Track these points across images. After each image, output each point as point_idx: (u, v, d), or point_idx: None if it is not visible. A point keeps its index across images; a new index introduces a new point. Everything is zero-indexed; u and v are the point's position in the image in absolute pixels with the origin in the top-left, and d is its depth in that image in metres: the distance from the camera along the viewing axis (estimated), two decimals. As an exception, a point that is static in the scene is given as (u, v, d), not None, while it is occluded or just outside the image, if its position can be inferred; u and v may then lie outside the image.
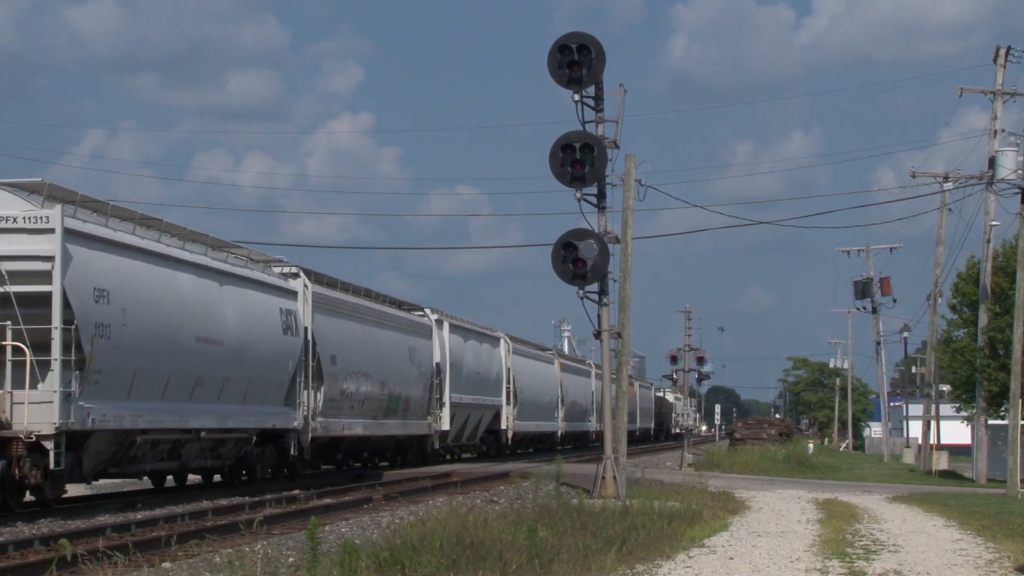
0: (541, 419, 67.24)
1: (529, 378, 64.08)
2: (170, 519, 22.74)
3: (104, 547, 14.95)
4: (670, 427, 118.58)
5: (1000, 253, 50.01)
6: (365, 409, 40.42)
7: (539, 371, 67.91)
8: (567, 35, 29.14)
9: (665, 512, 22.59)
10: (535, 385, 65.65)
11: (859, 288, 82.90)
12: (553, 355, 76.61)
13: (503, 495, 28.89)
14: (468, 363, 53.15)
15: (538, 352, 70.53)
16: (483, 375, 55.81)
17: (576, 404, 78.86)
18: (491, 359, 57.81)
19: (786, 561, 17.72)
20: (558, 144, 28.98)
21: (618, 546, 17.79)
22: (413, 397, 45.46)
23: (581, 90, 29.42)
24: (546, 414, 69.31)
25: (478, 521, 17.99)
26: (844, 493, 34.88)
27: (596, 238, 29.25)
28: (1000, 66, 48.86)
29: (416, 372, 45.96)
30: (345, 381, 38.73)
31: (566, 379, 76.32)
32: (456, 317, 53.75)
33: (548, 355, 73.11)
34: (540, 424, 67.39)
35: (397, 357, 44.06)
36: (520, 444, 66.08)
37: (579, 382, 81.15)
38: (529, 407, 63.32)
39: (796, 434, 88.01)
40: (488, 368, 56.88)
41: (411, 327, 46.87)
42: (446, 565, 13.91)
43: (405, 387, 44.46)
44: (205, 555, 17.24)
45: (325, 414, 36.86)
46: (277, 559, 14.53)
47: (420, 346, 47.08)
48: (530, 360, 66.23)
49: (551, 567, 15.36)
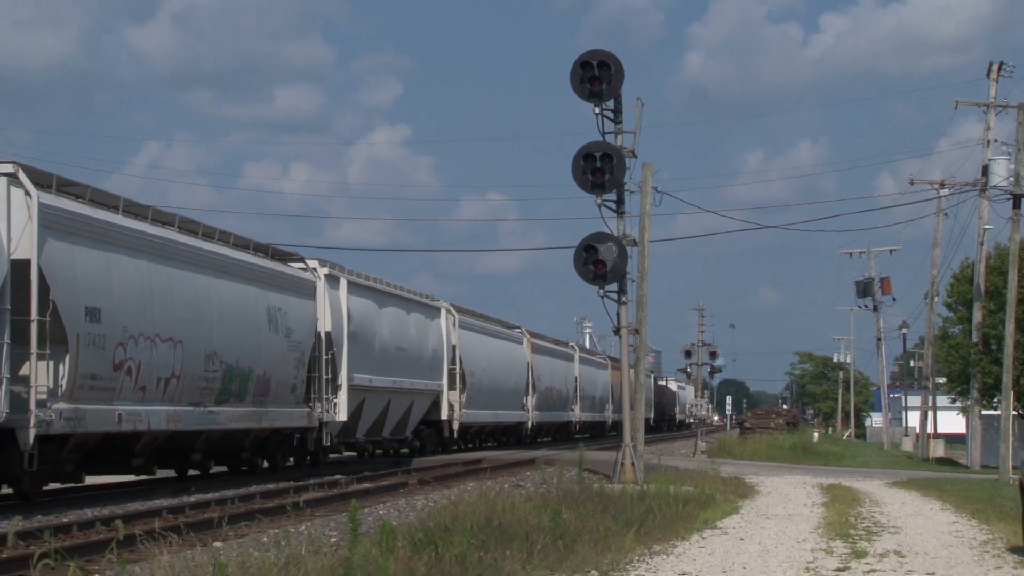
0: (504, 407, 53.75)
1: (486, 359, 50.84)
2: (221, 502, 22.80)
3: (160, 528, 15.01)
4: (673, 416, 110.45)
5: (993, 255, 49.87)
6: (172, 392, 26.15)
7: (501, 352, 54.35)
8: (588, 52, 29.12)
9: (680, 496, 22.55)
10: (495, 367, 52.12)
11: (861, 287, 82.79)
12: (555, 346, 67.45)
13: (529, 480, 28.88)
14: (384, 335, 38.84)
15: (504, 330, 57.00)
16: (411, 352, 41.49)
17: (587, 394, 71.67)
18: (424, 333, 43.41)
19: (793, 542, 17.69)
20: (580, 154, 28.98)
21: (636, 528, 17.78)
22: (278, 376, 30.91)
23: (601, 103, 29.39)
24: (515, 401, 56.03)
25: (506, 504, 17.99)
26: (847, 479, 34.78)
27: (615, 241, 29.23)
28: (993, 80, 48.73)
29: (282, 342, 31.18)
30: (123, 348, 24.25)
31: (581, 369, 69.91)
32: (367, 276, 38.79)
33: (516, 333, 58.87)
34: (501, 414, 53.46)
35: (243, 319, 29.22)
36: (475, 437, 53.40)
37: (593, 373, 74.69)
38: (485, 393, 50.02)
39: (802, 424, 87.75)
40: (419, 344, 42.58)
41: (275, 281, 31.56)
42: (476, 545, 13.92)
43: (259, 362, 29.80)
44: (254, 535, 17.30)
45: (78, 398, 22.64)
46: (320, 539, 14.55)
47: (293, 308, 32.03)
48: (488, 338, 52.66)
49: (574, 547, 15.35)
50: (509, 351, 55.91)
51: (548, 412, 62.04)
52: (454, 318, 47.08)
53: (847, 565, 15.11)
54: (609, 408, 79.14)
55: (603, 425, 78.82)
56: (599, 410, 77.07)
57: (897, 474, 39.24)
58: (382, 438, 40.72)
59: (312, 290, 33.71)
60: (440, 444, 46.14)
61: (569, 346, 70.80)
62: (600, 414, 77.34)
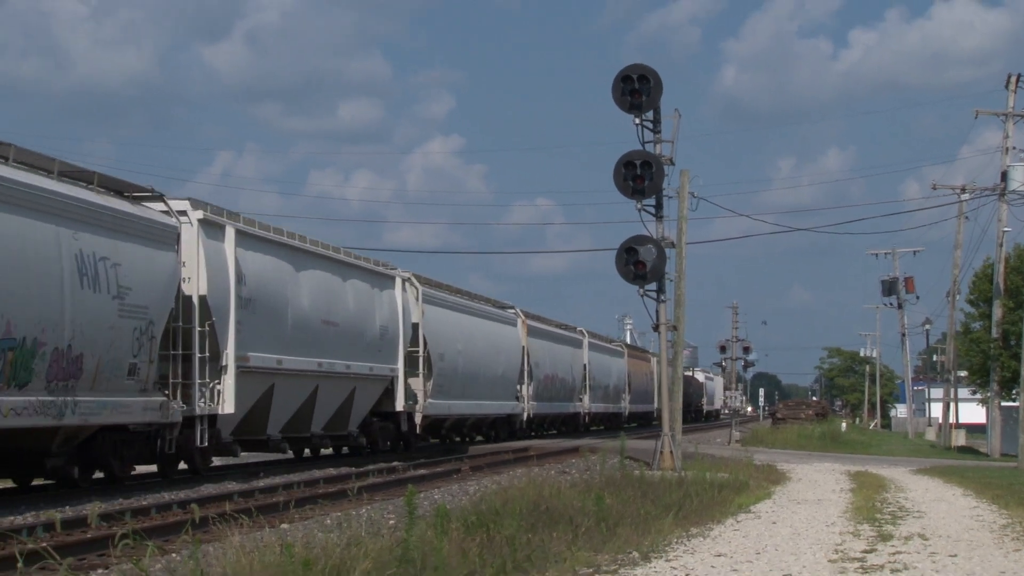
0: (489, 396, 43.80)
1: (463, 341, 40.73)
2: (287, 486, 22.88)
3: (231, 510, 15.10)
4: (700, 407, 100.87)
5: (1012, 255, 49.57)
6: None
7: (486, 333, 43.87)
8: (629, 67, 29.07)
9: (716, 482, 22.46)
10: (475, 351, 41.77)
11: (886, 286, 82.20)
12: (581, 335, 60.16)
13: (574, 467, 28.85)
14: (302, 305, 28.38)
15: (490, 310, 46.67)
16: (346, 328, 30.89)
17: (601, 385, 63.36)
18: (369, 306, 32.86)
19: (822, 525, 17.59)
20: (621, 161, 28.94)
21: (675, 512, 17.72)
22: (99, 353, 20.99)
23: (641, 114, 29.35)
24: (505, 391, 46.05)
25: (552, 490, 17.98)
26: (873, 466, 34.55)
27: (655, 243, 29.17)
28: (1011, 91, 48.33)
29: (108, 305, 21.28)
30: None
31: (594, 359, 61.54)
32: (276, 228, 28.45)
33: (508, 314, 49.03)
34: (486, 404, 43.56)
35: (22, 268, 19.22)
36: (456, 431, 43.72)
37: (606, 361, 66.02)
38: (461, 380, 40.21)
39: (831, 414, 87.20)
40: (361, 319, 32.06)
41: (96, 219, 21.42)
42: (525, 528, 13.91)
43: (56, 331, 19.81)
44: (317, 518, 17.37)
45: None
46: (379, 521, 14.60)
47: (133, 259, 22.08)
48: (466, 317, 42.12)
49: (616, 530, 15.32)
50: (497, 333, 45.69)
51: (549, 403, 53.00)
52: (416, 291, 36.93)
53: (874, 547, 15.01)
54: (625, 398, 70.81)
55: (618, 417, 70.27)
56: (613, 400, 68.05)
57: (921, 462, 38.94)
58: (311, 434, 30.40)
59: (173, 238, 23.62)
60: (399, 440, 36.40)
61: (577, 331, 61.01)
62: (615, 405, 68.42)
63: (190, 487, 23.02)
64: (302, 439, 31.00)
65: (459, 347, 40.22)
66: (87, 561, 13.28)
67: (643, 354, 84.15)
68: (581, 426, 60.32)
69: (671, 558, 13.83)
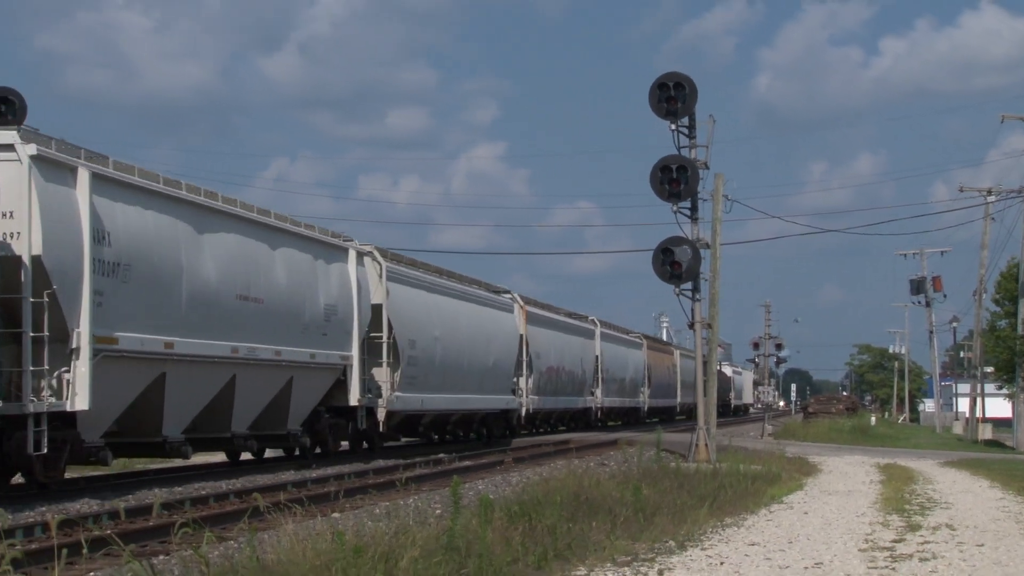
0: (477, 390, 36.96)
1: (442, 327, 33.93)
2: (338, 477, 22.95)
3: (285, 500, 15.16)
4: (728, 401, 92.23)
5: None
6: None
7: (473, 319, 37.18)
8: (665, 75, 28.98)
9: (749, 474, 22.38)
10: (459, 339, 35.18)
11: (915, 285, 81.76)
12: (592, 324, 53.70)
13: (612, 459, 28.79)
14: (206, 276, 22.18)
15: (480, 293, 39.60)
16: (274, 306, 24.65)
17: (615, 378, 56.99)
18: (311, 280, 26.48)
19: (853, 515, 17.48)
20: (657, 166, 28.88)
21: (710, 502, 17.66)
22: None
23: (677, 120, 29.26)
24: (498, 383, 39.27)
25: (591, 481, 17.95)
26: (902, 459, 34.30)
27: (690, 244, 29.08)
28: (1036, 96, 47.89)
29: None
30: None
31: (607, 350, 54.87)
32: (160, 177, 21.34)
33: (503, 299, 42.15)
34: (472, 399, 36.75)
35: None
36: (436, 428, 36.55)
37: (621, 353, 58.94)
38: (438, 371, 33.51)
39: (860, 409, 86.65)
40: (298, 295, 25.76)
41: None
42: (565, 517, 13.90)
43: None
44: (367, 507, 17.41)
45: None
46: (426, 511, 14.62)
47: None
48: (446, 299, 35.38)
49: (653, 519, 15.29)
50: (488, 319, 38.93)
51: (554, 397, 46.32)
52: (379, 267, 30.24)
53: (903, 537, 14.90)
54: (644, 392, 63.76)
55: (636, 412, 63.26)
56: (630, 394, 61.18)
57: (948, 455, 38.62)
58: (232, 434, 24.23)
59: None
60: (358, 439, 30.36)
61: (589, 320, 54.31)
62: (632, 399, 61.55)
63: (247, 476, 23.16)
64: (220, 440, 24.70)
65: (436, 333, 33.31)
66: (149, 547, 13.38)
67: (665, 346, 78.24)
68: (593, 422, 54.08)
69: (706, 547, 13.79)
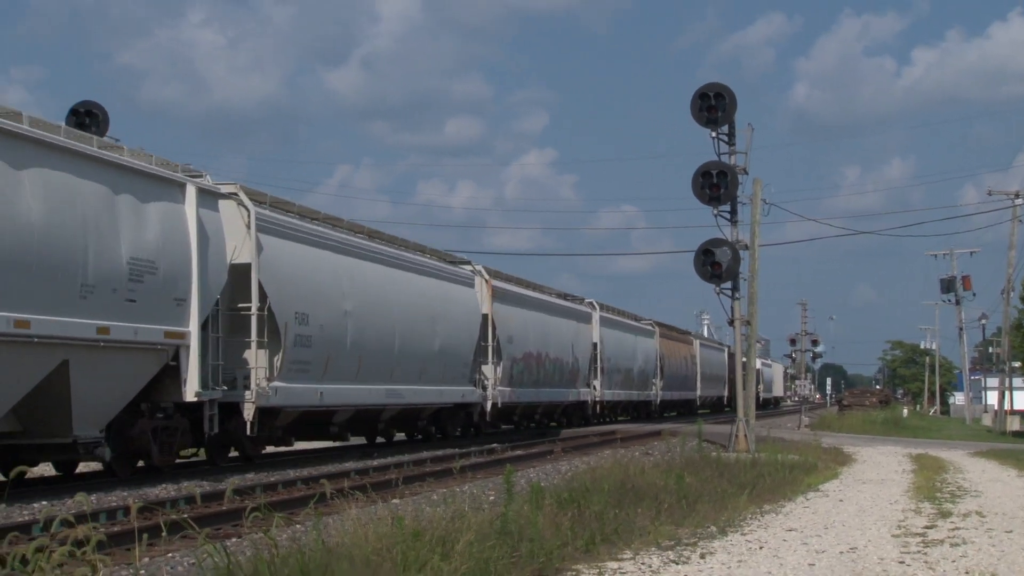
0: (420, 380, 28.98)
1: (362, 299, 26.02)
2: (398, 465, 23.01)
3: (348, 487, 15.22)
4: (758, 394, 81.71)
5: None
6: None
7: (410, 292, 28.90)
8: (706, 85, 28.89)
9: (787, 463, 22.23)
10: (387, 315, 27.17)
11: (945, 284, 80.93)
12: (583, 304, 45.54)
13: (656, 449, 28.70)
14: None
15: (422, 261, 30.85)
16: (16, 250, 15.96)
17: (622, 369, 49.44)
18: (104, 221, 17.77)
19: (886, 503, 17.32)
20: (699, 172, 28.79)
21: (749, 490, 17.56)
22: None
23: (717, 128, 29.16)
24: (452, 373, 30.92)
25: (637, 470, 17.90)
26: (933, 449, 33.93)
27: (729, 246, 28.96)
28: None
29: None
30: None
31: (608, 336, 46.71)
32: None
33: (463, 271, 33.69)
34: (409, 391, 28.51)
35: None
36: (359, 427, 28.22)
37: (629, 341, 51.01)
38: (345, 356, 25.17)
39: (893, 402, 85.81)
40: (78, 241, 17.14)
41: None
42: (612, 504, 13.87)
43: None
44: (425, 493, 17.47)
45: None
46: (480, 497, 14.64)
47: None
48: (367, 264, 26.97)
49: (695, 506, 15.22)
50: (435, 294, 30.36)
51: (534, 388, 37.83)
52: (246, 214, 21.66)
53: (934, 523, 14.75)
54: (656, 384, 55.53)
55: (647, 406, 55.00)
56: (639, 387, 52.70)
57: (978, 445, 38.15)
58: None
59: None
60: (219, 445, 22.28)
61: (585, 303, 46.02)
62: (641, 392, 53.07)
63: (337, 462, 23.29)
64: None
65: (347, 307, 25.19)
66: (223, 530, 13.49)
67: (682, 336, 66.70)
68: (590, 417, 45.84)
69: (746, 532, 13.71)
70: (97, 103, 26.33)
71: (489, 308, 34.45)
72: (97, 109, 26.13)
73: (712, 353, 73.08)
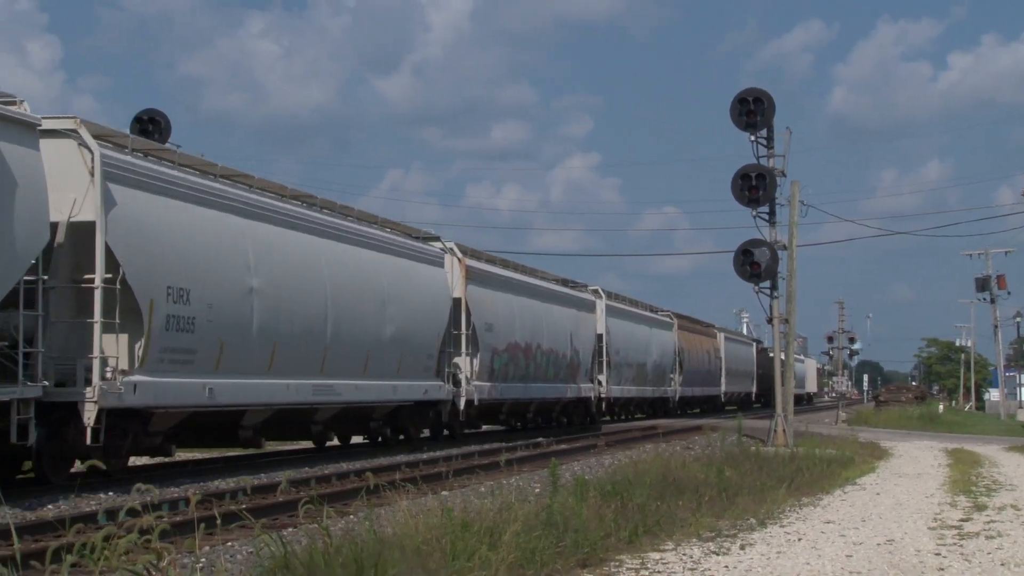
0: (358, 374, 23.03)
1: (270, 268, 19.86)
2: (447, 459, 23.03)
3: (399, 479, 15.27)
4: None
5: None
6: None
7: (345, 261, 22.67)
8: (745, 90, 28.82)
9: (824, 458, 22.07)
10: (318, 297, 21.43)
11: (980, 283, 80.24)
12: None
13: (697, 444, 28.60)
14: None
15: (396, 240, 25.68)
16: None
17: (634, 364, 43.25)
18: None
19: (922, 496, 17.16)
20: (738, 174, 28.69)
21: (788, 484, 17.46)
22: None
23: (756, 132, 29.07)
24: (403, 364, 24.66)
25: (678, 463, 17.85)
26: (968, 444, 33.57)
27: (768, 246, 28.82)
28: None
29: None
30: None
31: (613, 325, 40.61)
32: None
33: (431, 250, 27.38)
34: (341, 386, 22.34)
35: None
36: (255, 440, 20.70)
37: (642, 333, 45.33)
38: (256, 345, 19.36)
39: (929, 398, 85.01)
40: None
41: None
42: (654, 496, 13.84)
43: None
44: (473, 486, 17.48)
45: None
46: (526, 489, 14.65)
47: None
48: (320, 241, 21.96)
49: (735, 499, 15.16)
50: (388, 272, 24.47)
51: (522, 384, 31.92)
52: (91, 157, 16.21)
53: (969, 516, 14.60)
54: (674, 380, 50.06)
55: (664, 403, 49.24)
56: (655, 382, 46.95)
57: (1012, 440, 37.70)
58: None
59: None
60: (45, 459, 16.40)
61: (588, 290, 39.92)
62: (656, 388, 47.22)
63: (388, 456, 23.39)
64: None
65: (252, 283, 19.31)
66: (279, 520, 13.57)
67: (705, 328, 60.53)
68: (596, 415, 40.16)
69: (785, 524, 13.64)
70: (160, 111, 26.60)
71: (462, 291, 28.31)
72: (160, 116, 26.39)
73: (738, 347, 67.57)
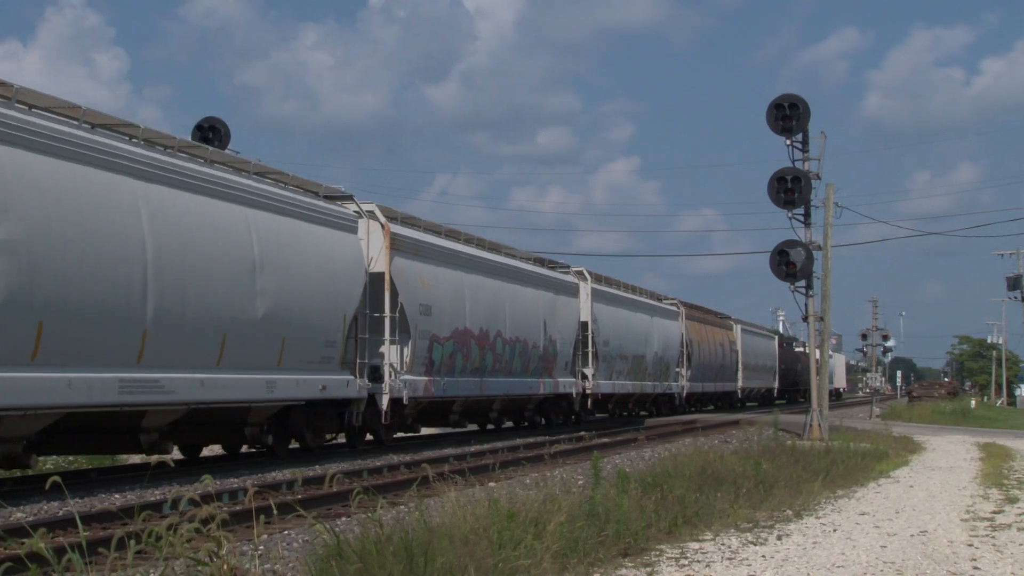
0: (207, 367, 16.48)
1: (77, 220, 14.02)
2: (493, 452, 23.08)
3: (448, 471, 15.32)
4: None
5: None
6: None
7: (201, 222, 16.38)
8: (781, 96, 28.65)
9: (859, 451, 21.89)
10: (207, 267, 16.35)
11: (1011, 282, 79.27)
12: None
13: (734, 437, 28.43)
14: None
15: (302, 202, 19.67)
16: None
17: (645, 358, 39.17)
18: None
19: (955, 489, 16.97)
20: (774, 177, 28.56)
21: (823, 476, 17.33)
22: None
23: (791, 136, 28.92)
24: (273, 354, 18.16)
25: (716, 456, 17.76)
26: (1000, 438, 33.15)
27: (803, 246, 28.64)
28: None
29: None
30: None
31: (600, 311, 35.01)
32: None
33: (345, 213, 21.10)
34: (184, 380, 15.84)
35: None
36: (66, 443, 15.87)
37: (643, 322, 39.47)
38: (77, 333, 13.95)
39: (961, 393, 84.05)
40: None
41: None
42: (693, 488, 13.79)
43: None
44: (519, 478, 17.50)
45: None
46: (570, 481, 14.63)
47: None
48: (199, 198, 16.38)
49: (772, 491, 15.07)
50: (265, 236, 18.28)
51: (478, 378, 26.39)
52: None
53: (1001, 509, 14.42)
54: (682, 375, 44.48)
55: (669, 400, 43.76)
56: (658, 377, 41.51)
57: (1044, 435, 37.19)
58: None
59: None
60: None
61: (572, 271, 34.77)
62: (657, 383, 41.49)
63: (436, 448, 23.46)
64: None
65: (28, 244, 13.60)
66: (333, 510, 13.65)
67: (719, 319, 54.30)
68: (581, 413, 35.05)
69: (820, 516, 13.55)
70: (219, 119, 26.78)
71: (386, 264, 22.30)
72: (219, 124, 26.58)
73: (758, 340, 59.93)
